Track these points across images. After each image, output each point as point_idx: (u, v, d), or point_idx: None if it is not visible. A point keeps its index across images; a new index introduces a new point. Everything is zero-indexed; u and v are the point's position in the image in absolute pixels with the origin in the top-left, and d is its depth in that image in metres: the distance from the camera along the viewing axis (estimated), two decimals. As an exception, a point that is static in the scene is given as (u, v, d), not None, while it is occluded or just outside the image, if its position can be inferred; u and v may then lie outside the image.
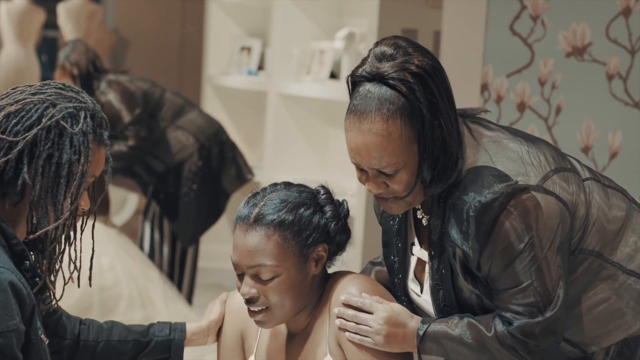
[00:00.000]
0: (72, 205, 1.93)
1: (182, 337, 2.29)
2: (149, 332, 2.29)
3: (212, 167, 5.12)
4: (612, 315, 2.14)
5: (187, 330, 2.30)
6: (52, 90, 1.97)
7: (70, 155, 1.92)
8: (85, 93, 2.01)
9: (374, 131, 1.99)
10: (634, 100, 3.68)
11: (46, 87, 1.98)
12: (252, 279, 2.14)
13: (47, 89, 1.97)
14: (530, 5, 3.59)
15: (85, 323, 2.28)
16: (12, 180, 1.90)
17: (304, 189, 2.20)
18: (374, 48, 2.05)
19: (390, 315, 2.11)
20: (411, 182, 2.04)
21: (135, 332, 2.29)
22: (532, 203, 2.00)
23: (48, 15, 7.95)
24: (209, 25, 6.59)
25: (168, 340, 2.29)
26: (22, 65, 7.75)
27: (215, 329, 2.33)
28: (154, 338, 2.29)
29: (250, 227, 2.13)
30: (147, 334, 2.29)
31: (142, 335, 2.29)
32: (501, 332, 2.05)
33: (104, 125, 2.00)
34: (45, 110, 1.92)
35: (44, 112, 1.92)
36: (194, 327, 2.31)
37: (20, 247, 1.91)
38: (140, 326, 2.31)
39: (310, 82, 5.36)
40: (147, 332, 2.29)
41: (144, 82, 5.08)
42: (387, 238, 2.29)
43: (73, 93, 1.98)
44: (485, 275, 2.06)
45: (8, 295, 1.81)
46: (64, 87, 1.99)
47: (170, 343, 2.29)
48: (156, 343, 2.28)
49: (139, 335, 2.29)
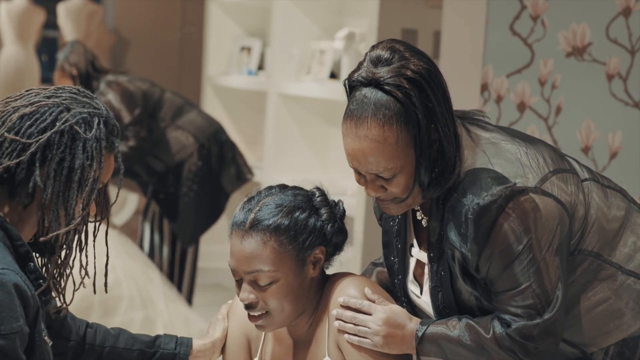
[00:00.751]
0: (83, 211, 1.94)
1: (187, 353, 2.30)
2: (155, 344, 2.30)
3: (212, 167, 5.12)
4: (611, 315, 2.13)
5: (193, 346, 2.31)
6: (67, 94, 1.98)
7: (82, 160, 1.93)
8: (98, 99, 2.02)
9: (370, 137, 1.99)
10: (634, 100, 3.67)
11: (61, 91, 1.99)
12: (250, 285, 2.14)
13: (61, 92, 1.98)
14: (530, 5, 3.59)
15: (93, 327, 2.29)
16: (23, 182, 1.91)
17: (299, 191, 2.20)
18: (370, 52, 2.04)
19: (389, 316, 2.11)
20: (409, 185, 2.04)
21: (141, 341, 2.30)
22: (531, 205, 2.00)
23: (48, 15, 7.95)
24: (209, 25, 6.58)
25: (173, 354, 2.30)
26: (22, 65, 7.75)
27: (220, 346, 2.34)
28: (160, 350, 2.29)
29: (246, 234, 2.12)
30: (153, 345, 2.30)
31: (148, 345, 2.30)
32: (499, 334, 2.05)
33: (116, 132, 2.02)
34: (59, 114, 1.93)
35: (58, 116, 1.93)
36: (200, 345, 2.32)
37: (24, 248, 1.92)
38: (147, 336, 2.32)
39: (310, 82, 5.36)
40: (153, 343, 2.30)
41: (143, 82, 5.08)
42: (387, 239, 2.28)
43: (87, 99, 2.00)
44: (484, 277, 2.05)
45: (12, 297, 1.82)
46: (78, 92, 2.00)
47: (175, 357, 2.30)
48: (161, 355, 2.29)
49: (144, 345, 2.30)
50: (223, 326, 2.34)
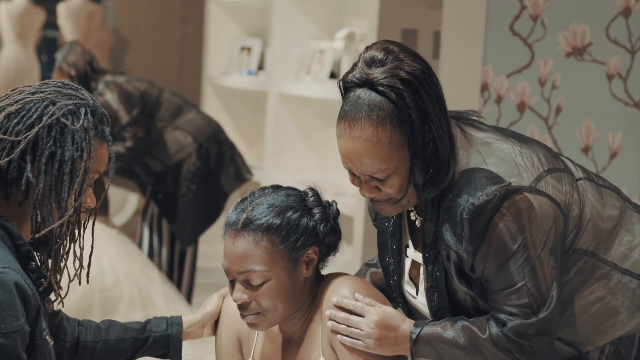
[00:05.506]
0: (75, 202, 1.94)
1: (179, 331, 2.30)
2: (146, 329, 2.30)
3: (211, 167, 5.12)
4: (607, 314, 2.13)
5: (184, 322, 2.31)
6: (52, 88, 1.98)
7: (72, 152, 1.92)
8: (84, 90, 2.02)
9: (363, 137, 1.99)
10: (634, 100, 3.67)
11: (45, 86, 1.99)
12: (243, 285, 2.14)
13: (46, 87, 1.98)
14: (530, 5, 3.58)
15: (83, 324, 2.29)
16: (16, 180, 1.91)
17: (292, 192, 2.20)
18: (364, 53, 2.05)
19: (381, 318, 2.10)
20: (403, 186, 2.04)
21: (132, 329, 2.30)
22: (525, 204, 2.00)
23: (48, 15, 7.94)
24: (209, 25, 6.58)
25: (166, 336, 2.29)
26: (22, 65, 7.75)
27: (211, 320, 2.33)
28: (152, 334, 2.29)
29: (239, 234, 2.13)
30: (145, 330, 2.30)
31: (139, 332, 2.29)
32: (495, 334, 2.05)
33: (105, 121, 2.01)
34: (45, 109, 1.93)
35: (44, 111, 1.93)
36: (189, 319, 2.32)
37: (26, 247, 1.92)
38: (137, 323, 2.32)
39: (310, 82, 5.36)
40: (144, 329, 2.30)
41: (141, 82, 5.08)
42: (382, 240, 2.28)
43: (72, 90, 1.99)
44: (479, 276, 2.05)
45: (13, 296, 1.82)
46: (63, 85, 2.00)
47: (168, 338, 2.29)
48: (154, 339, 2.29)
49: (136, 332, 2.29)
50: (217, 303, 2.33)
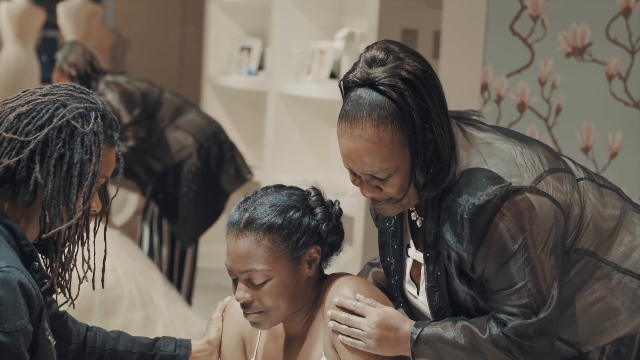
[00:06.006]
0: (84, 205, 1.95)
1: (187, 354, 2.32)
2: (155, 346, 2.32)
3: (211, 167, 5.12)
4: (607, 314, 2.13)
5: (192, 347, 2.33)
6: (63, 91, 1.99)
7: (81, 155, 1.93)
8: (95, 94, 2.03)
9: (364, 137, 2.00)
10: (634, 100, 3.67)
11: (57, 89, 2.00)
12: (245, 284, 2.15)
13: (57, 90, 1.99)
14: (530, 5, 3.58)
15: (92, 330, 2.30)
16: (24, 180, 1.92)
17: (294, 191, 2.20)
18: (365, 53, 2.05)
19: (382, 318, 2.11)
20: (404, 185, 2.04)
21: (141, 344, 2.32)
22: (526, 204, 2.00)
23: (48, 15, 7.94)
24: (209, 25, 6.58)
25: (173, 356, 2.31)
26: (22, 65, 7.75)
27: (217, 345, 2.35)
28: (159, 352, 2.31)
29: (241, 233, 2.13)
30: (153, 347, 2.31)
31: (147, 347, 2.31)
32: (496, 335, 2.05)
33: (114, 126, 2.02)
34: (56, 111, 1.94)
35: (55, 112, 1.94)
36: (198, 345, 2.34)
37: (29, 248, 1.93)
38: (146, 338, 2.34)
39: (310, 82, 5.36)
40: (152, 346, 2.31)
41: (142, 82, 5.08)
42: (383, 240, 2.28)
43: (83, 94, 2.00)
44: (480, 276, 2.05)
45: (17, 295, 1.82)
46: (74, 88, 2.01)
47: (175, 358, 2.31)
48: (161, 357, 2.31)
49: (144, 347, 2.31)
50: (217, 326, 2.36)
